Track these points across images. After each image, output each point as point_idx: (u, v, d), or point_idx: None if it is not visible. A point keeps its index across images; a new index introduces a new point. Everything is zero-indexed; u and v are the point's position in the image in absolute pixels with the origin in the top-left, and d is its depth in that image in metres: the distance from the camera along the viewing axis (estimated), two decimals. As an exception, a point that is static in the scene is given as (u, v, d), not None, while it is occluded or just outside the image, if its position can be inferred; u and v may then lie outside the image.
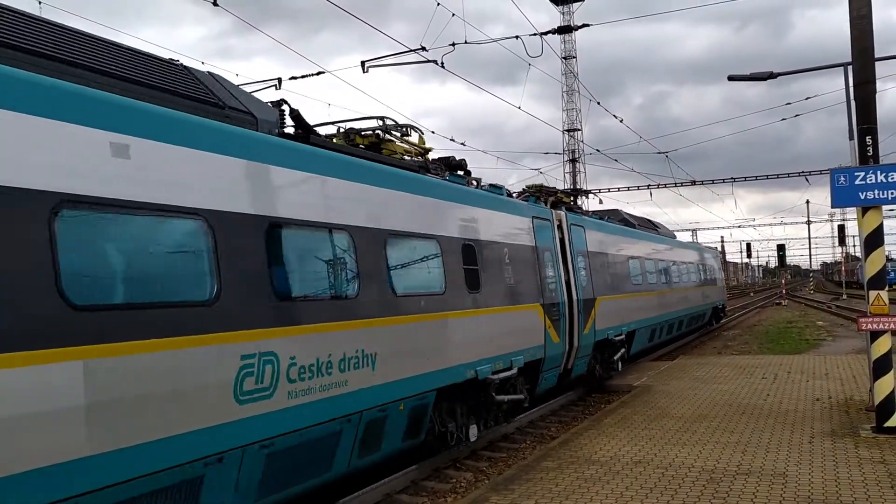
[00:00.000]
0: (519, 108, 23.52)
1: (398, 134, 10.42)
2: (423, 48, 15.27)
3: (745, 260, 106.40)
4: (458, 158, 11.73)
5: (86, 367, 4.76)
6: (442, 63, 15.37)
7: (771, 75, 14.08)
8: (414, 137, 10.70)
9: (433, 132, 25.80)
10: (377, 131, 10.18)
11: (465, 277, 9.73)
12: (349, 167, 7.92)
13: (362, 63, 15.82)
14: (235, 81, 8.89)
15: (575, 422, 13.05)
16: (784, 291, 63.13)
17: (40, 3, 14.10)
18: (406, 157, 10.30)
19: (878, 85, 10.35)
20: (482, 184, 12.14)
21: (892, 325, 9.81)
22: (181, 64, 7.14)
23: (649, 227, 23.85)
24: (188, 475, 5.51)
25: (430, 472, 9.57)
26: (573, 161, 52.52)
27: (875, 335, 9.89)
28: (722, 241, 64.78)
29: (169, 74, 6.64)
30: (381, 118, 10.34)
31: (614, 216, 21.51)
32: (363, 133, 10.14)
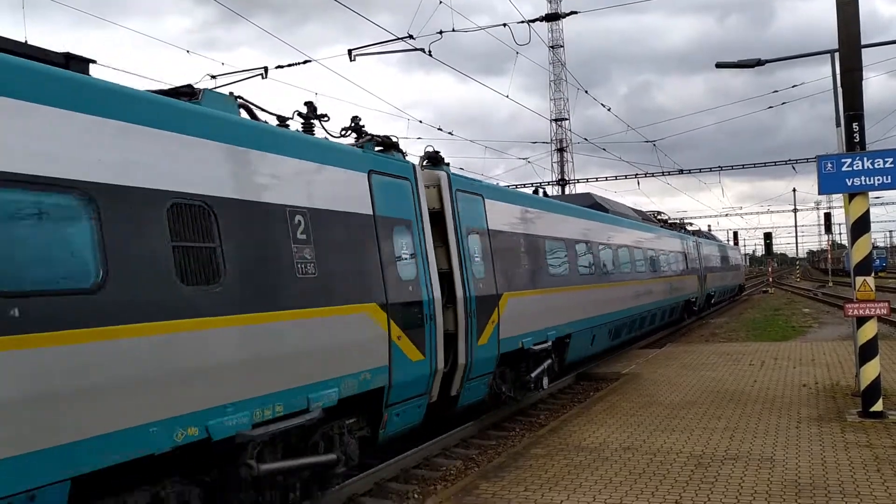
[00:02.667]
0: (507, 96, 23.47)
1: None
2: (411, 36, 15.19)
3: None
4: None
5: None
6: (429, 51, 15.29)
7: (759, 62, 14.11)
8: None
9: (420, 121, 25.71)
10: None
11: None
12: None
13: (349, 51, 15.71)
14: (220, 71, 8.40)
15: (564, 409, 13.09)
16: (771, 279, 63.57)
17: (21, -11, 13.90)
18: None
19: (863, 73, 10.38)
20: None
21: (877, 311, 9.89)
22: None
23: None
24: None
25: (420, 461, 9.57)
26: (561, 150, 52.53)
27: (861, 321, 9.97)
28: (709, 230, 65.14)
29: None
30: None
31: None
32: None
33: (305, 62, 16.91)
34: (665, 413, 10.88)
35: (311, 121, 8.51)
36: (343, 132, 9.08)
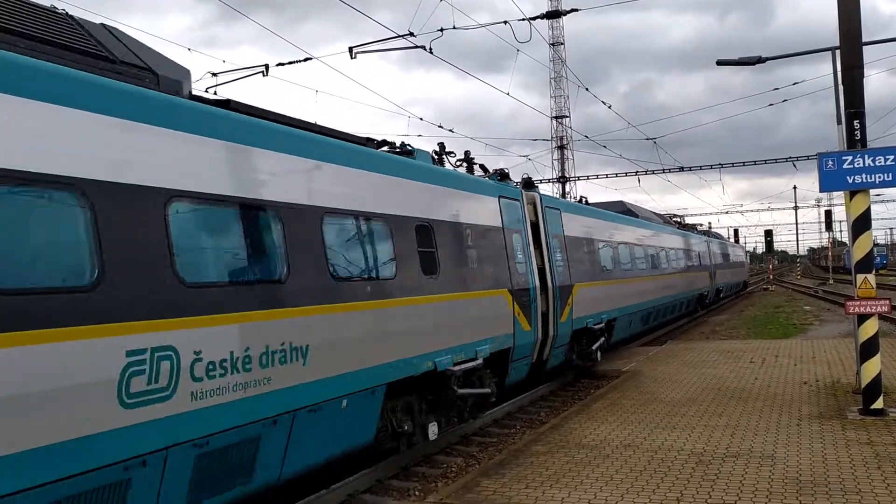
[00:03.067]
0: (507, 93, 23.43)
1: None
2: (412, 34, 15.18)
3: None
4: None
5: None
6: (430, 49, 15.28)
7: (759, 60, 14.09)
8: None
9: (421, 119, 25.74)
10: None
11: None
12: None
13: (350, 49, 15.71)
14: (221, 68, 8.78)
15: (565, 406, 13.09)
16: (771, 277, 63.55)
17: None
18: None
19: (864, 70, 10.37)
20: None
21: (878, 309, 9.90)
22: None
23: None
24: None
25: (421, 458, 9.58)
26: (561, 148, 52.51)
27: (862, 318, 9.97)
28: (710, 227, 65.24)
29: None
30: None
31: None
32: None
33: (306, 59, 16.93)
34: (666, 410, 10.89)
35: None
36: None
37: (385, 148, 10.02)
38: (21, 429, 4.46)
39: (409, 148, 10.26)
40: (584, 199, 19.75)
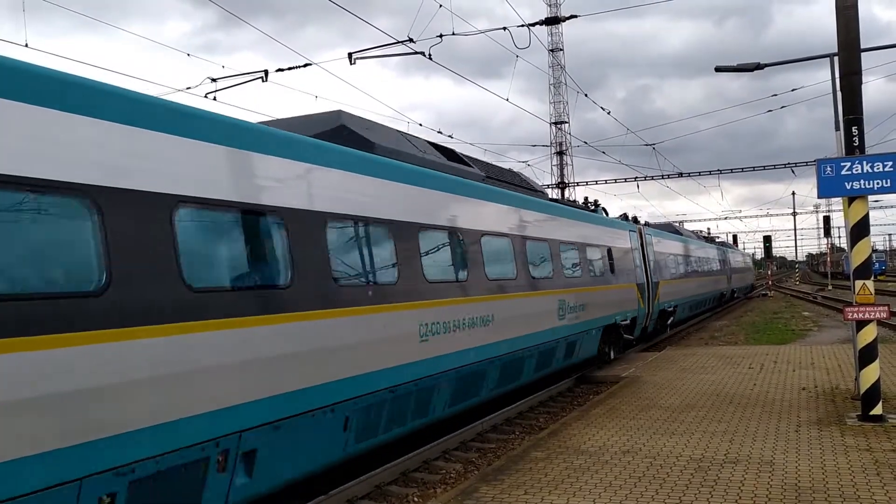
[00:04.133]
0: (507, 99, 23.48)
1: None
2: (411, 40, 15.21)
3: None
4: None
5: None
6: (429, 55, 15.30)
7: (758, 66, 14.12)
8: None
9: (420, 124, 25.83)
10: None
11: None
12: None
13: (349, 55, 15.74)
14: (221, 73, 9.00)
15: (563, 412, 13.08)
16: (770, 282, 63.55)
17: (23, -7, 13.91)
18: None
19: (862, 76, 10.39)
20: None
21: (877, 315, 9.90)
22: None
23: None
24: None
25: (420, 464, 9.57)
26: (560, 154, 52.51)
27: (861, 324, 9.97)
28: (708, 233, 65.32)
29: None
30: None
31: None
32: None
33: (306, 65, 16.94)
34: (665, 416, 10.88)
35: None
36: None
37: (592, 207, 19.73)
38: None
39: (598, 204, 20.22)
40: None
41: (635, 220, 23.23)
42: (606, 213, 20.70)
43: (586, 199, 21.14)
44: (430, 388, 9.29)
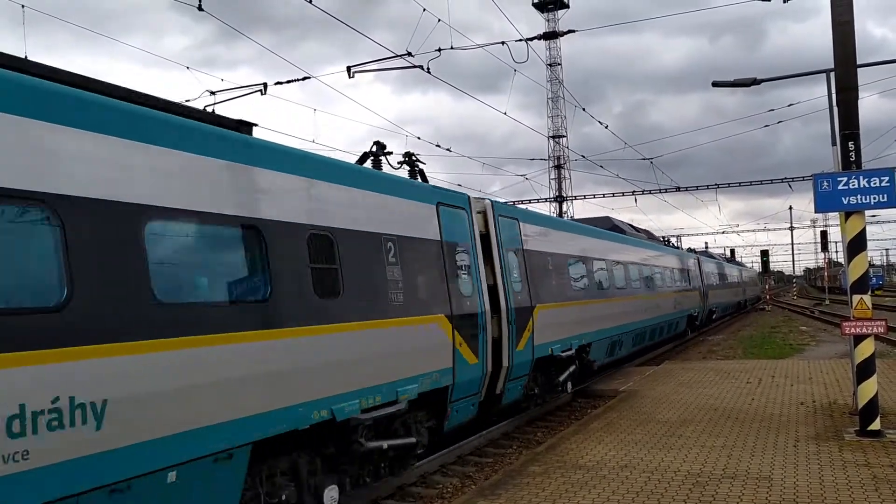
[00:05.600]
0: (505, 113, 23.56)
1: None
2: (409, 54, 15.28)
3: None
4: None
5: None
6: (428, 68, 15.38)
7: (755, 81, 14.19)
8: None
9: (419, 138, 25.86)
10: None
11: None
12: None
13: (348, 68, 15.81)
14: (220, 86, 8.76)
15: (561, 427, 13.04)
16: (768, 297, 63.54)
17: (23, 7, 13.97)
18: None
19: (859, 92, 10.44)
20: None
21: (874, 330, 9.90)
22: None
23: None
24: None
25: (417, 478, 9.53)
26: (558, 167, 52.62)
27: (858, 339, 9.97)
28: (706, 247, 65.50)
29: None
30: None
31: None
32: None
33: (305, 78, 17.02)
34: (662, 431, 10.85)
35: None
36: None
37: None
38: None
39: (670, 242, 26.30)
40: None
41: (692, 250, 35.16)
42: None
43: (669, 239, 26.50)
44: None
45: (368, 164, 10.26)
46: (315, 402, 6.85)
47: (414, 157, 10.83)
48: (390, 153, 10.38)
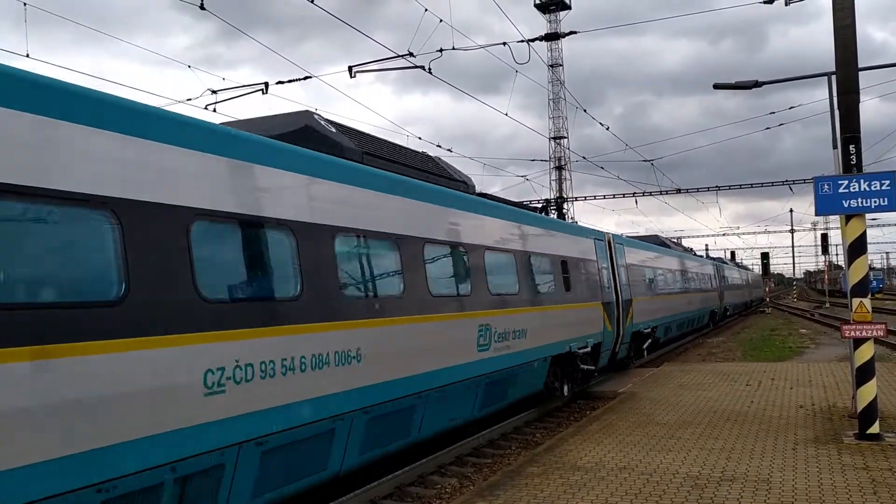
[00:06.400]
0: (506, 114, 23.53)
1: None
2: (411, 54, 15.26)
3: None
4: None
5: None
6: (429, 69, 15.36)
7: (756, 84, 14.19)
8: None
9: (420, 138, 25.87)
10: None
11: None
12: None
13: (350, 68, 15.78)
14: (221, 86, 9.00)
15: (560, 428, 13.04)
16: (768, 299, 63.54)
17: (25, 4, 13.97)
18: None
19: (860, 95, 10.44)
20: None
21: (874, 333, 9.89)
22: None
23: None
24: None
25: (415, 478, 9.52)
26: (559, 168, 52.63)
27: (858, 342, 9.96)
28: (707, 250, 65.63)
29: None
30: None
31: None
32: None
33: (306, 78, 17.00)
34: (662, 433, 10.85)
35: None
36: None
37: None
38: None
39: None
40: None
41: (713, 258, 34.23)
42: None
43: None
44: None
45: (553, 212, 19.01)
46: (564, 342, 14.06)
47: (562, 203, 18.36)
48: (564, 201, 18.04)
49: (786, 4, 13.42)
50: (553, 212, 19.22)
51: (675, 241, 40.15)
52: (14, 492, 4.45)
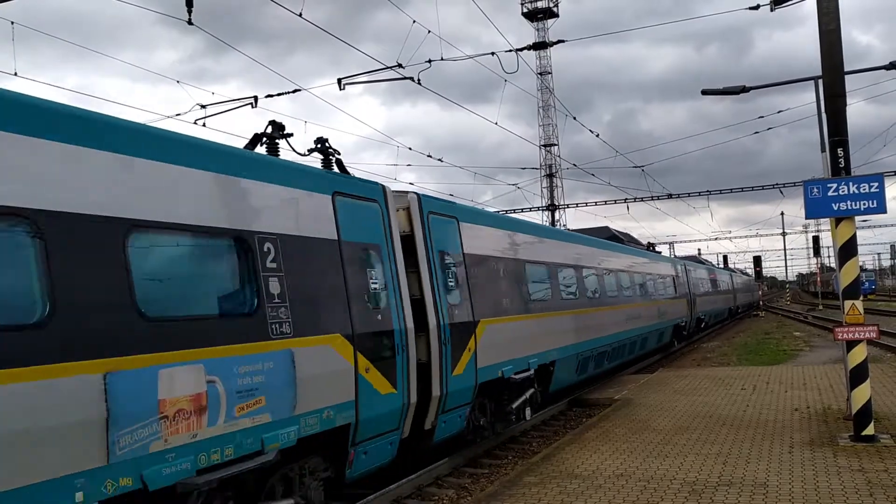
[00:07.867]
0: (496, 123, 23.67)
1: None
2: (400, 65, 15.32)
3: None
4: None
5: None
6: (418, 80, 15.42)
7: (744, 89, 14.29)
8: None
9: (410, 148, 25.92)
10: None
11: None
12: None
13: (339, 80, 15.84)
14: (211, 100, 8.69)
15: (557, 436, 13.02)
16: (761, 303, 63.69)
17: (13, 23, 13.97)
18: None
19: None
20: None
21: (867, 335, 9.93)
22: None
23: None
24: None
25: (413, 490, 9.49)
26: (550, 176, 52.77)
27: (851, 345, 9.99)
28: (699, 254, 65.89)
29: None
30: None
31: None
32: None
33: (295, 91, 17.04)
34: (658, 439, 10.84)
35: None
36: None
37: None
38: None
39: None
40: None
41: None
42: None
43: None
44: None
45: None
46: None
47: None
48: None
49: (771, 10, 13.54)
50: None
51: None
52: None
